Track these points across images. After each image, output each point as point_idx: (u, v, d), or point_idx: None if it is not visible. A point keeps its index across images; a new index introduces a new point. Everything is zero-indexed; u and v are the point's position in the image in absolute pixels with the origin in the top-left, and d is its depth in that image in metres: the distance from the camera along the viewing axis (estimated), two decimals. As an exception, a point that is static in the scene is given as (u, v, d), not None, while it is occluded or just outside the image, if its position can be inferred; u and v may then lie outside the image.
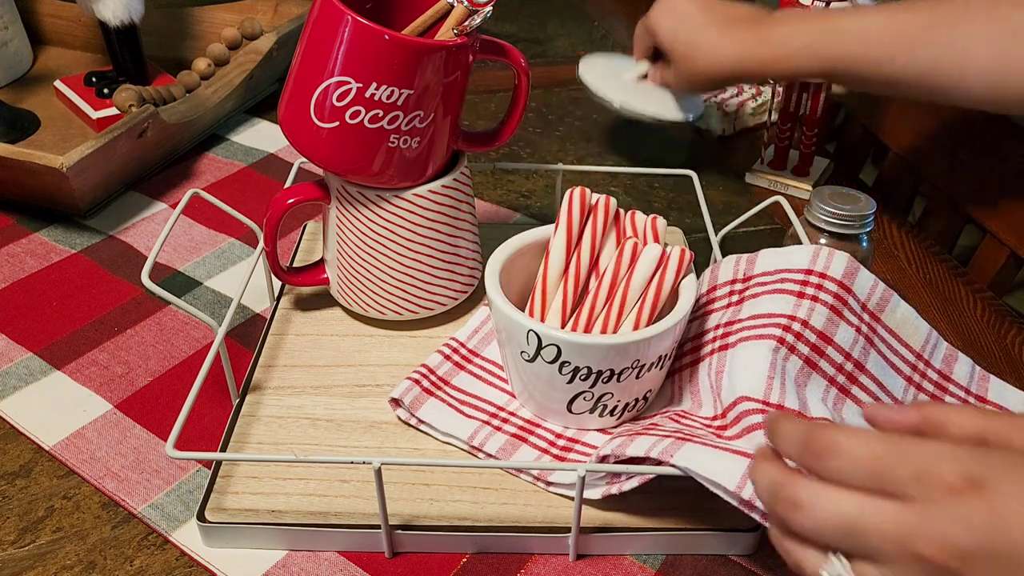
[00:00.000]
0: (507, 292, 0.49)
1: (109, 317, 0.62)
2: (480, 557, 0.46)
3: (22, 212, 0.73)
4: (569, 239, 0.52)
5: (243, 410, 0.52)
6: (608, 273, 0.50)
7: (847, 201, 0.59)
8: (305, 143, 0.52)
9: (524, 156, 0.83)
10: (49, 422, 0.54)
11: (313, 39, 0.50)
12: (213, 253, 0.69)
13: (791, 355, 0.47)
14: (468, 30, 0.51)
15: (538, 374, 0.48)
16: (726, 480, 0.40)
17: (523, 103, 0.58)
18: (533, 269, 0.53)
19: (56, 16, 0.96)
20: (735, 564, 0.46)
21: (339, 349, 0.57)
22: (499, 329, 0.49)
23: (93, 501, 0.49)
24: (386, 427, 0.52)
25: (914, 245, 0.73)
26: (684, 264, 0.49)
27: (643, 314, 0.48)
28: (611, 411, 0.49)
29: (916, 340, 0.51)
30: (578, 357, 0.46)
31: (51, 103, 0.86)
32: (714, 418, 0.47)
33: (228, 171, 0.79)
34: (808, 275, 0.50)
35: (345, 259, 0.56)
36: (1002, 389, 0.52)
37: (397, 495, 0.47)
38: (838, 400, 0.49)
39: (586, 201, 0.52)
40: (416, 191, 0.54)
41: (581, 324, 0.50)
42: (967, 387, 0.52)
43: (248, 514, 0.46)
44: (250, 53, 0.85)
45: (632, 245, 0.50)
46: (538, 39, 1.08)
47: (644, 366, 0.47)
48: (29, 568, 0.46)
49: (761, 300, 0.51)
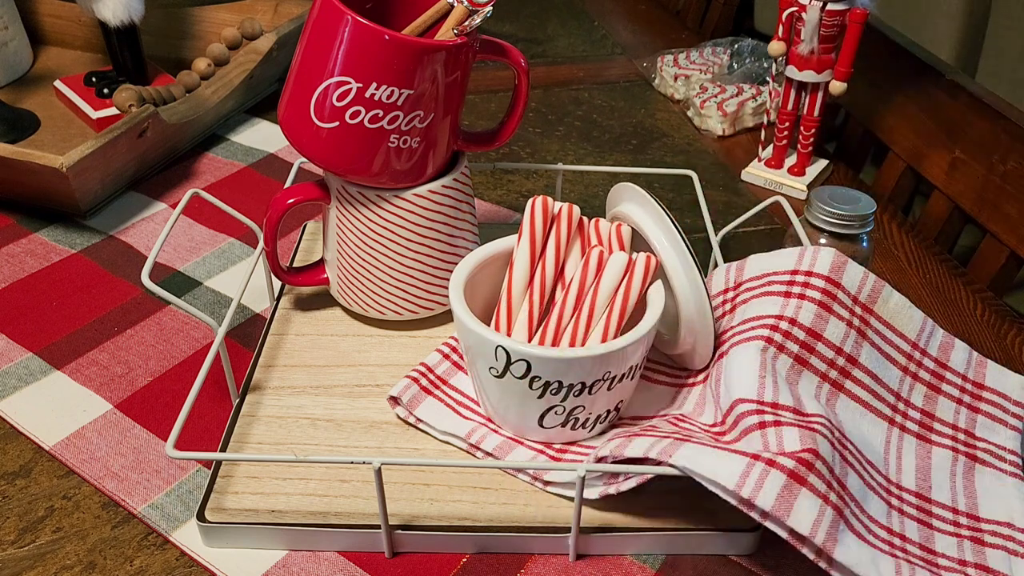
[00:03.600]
0: (472, 306, 0.48)
1: (109, 317, 0.62)
2: (480, 557, 0.46)
3: (22, 212, 0.73)
4: (533, 249, 0.51)
5: (243, 410, 0.52)
6: (575, 282, 0.50)
7: (847, 201, 0.59)
8: (305, 143, 0.52)
9: (524, 156, 0.83)
10: (49, 422, 0.54)
11: (313, 39, 0.50)
12: (213, 253, 0.69)
13: (780, 354, 0.48)
14: (468, 30, 0.51)
15: (508, 390, 0.47)
16: (725, 479, 0.40)
17: (523, 103, 0.58)
18: (497, 281, 0.53)
19: (56, 16, 0.96)
20: (735, 564, 0.46)
21: (339, 349, 0.57)
22: (467, 347, 0.48)
23: (93, 501, 0.49)
24: (386, 427, 0.52)
25: (914, 245, 0.73)
26: (650, 271, 0.49)
27: (611, 323, 0.48)
28: (583, 424, 0.49)
29: (911, 329, 0.51)
30: (549, 371, 0.45)
31: (51, 103, 0.86)
32: (713, 425, 0.47)
33: (228, 171, 0.79)
34: (794, 275, 0.50)
35: (345, 259, 0.56)
36: (999, 374, 0.52)
37: (397, 495, 0.47)
38: (831, 395, 0.49)
39: (548, 210, 0.51)
40: (416, 191, 0.54)
41: (549, 336, 0.49)
42: (964, 374, 0.51)
43: (248, 514, 0.46)
44: (250, 53, 0.85)
45: (598, 253, 0.49)
46: (538, 39, 1.08)
47: (616, 377, 0.47)
48: (29, 568, 0.46)
49: (750, 304, 0.51)
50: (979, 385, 0.51)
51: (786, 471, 0.40)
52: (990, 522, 0.46)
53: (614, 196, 0.55)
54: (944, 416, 0.50)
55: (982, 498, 0.47)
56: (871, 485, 0.46)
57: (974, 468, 0.49)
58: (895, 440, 0.49)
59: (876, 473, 0.47)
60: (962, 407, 0.51)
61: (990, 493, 0.48)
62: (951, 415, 0.50)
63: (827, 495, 0.41)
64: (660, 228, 0.50)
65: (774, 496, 0.40)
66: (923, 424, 0.50)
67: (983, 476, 0.48)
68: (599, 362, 0.45)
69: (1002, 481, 0.48)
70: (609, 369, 0.46)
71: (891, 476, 0.48)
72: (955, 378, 0.51)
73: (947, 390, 0.51)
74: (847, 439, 0.46)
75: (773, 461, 0.41)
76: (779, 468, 0.40)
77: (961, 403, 0.51)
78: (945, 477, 0.48)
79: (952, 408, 0.51)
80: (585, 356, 0.45)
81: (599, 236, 0.52)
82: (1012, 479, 0.48)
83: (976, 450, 0.49)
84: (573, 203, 0.52)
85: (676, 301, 0.50)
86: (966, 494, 0.48)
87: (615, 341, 0.46)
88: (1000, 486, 0.48)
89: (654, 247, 0.50)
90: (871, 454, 0.48)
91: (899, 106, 0.84)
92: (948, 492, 0.48)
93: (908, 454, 0.49)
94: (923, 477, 0.48)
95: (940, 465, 0.49)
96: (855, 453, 0.46)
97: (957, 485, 0.48)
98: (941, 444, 0.50)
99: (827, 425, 0.44)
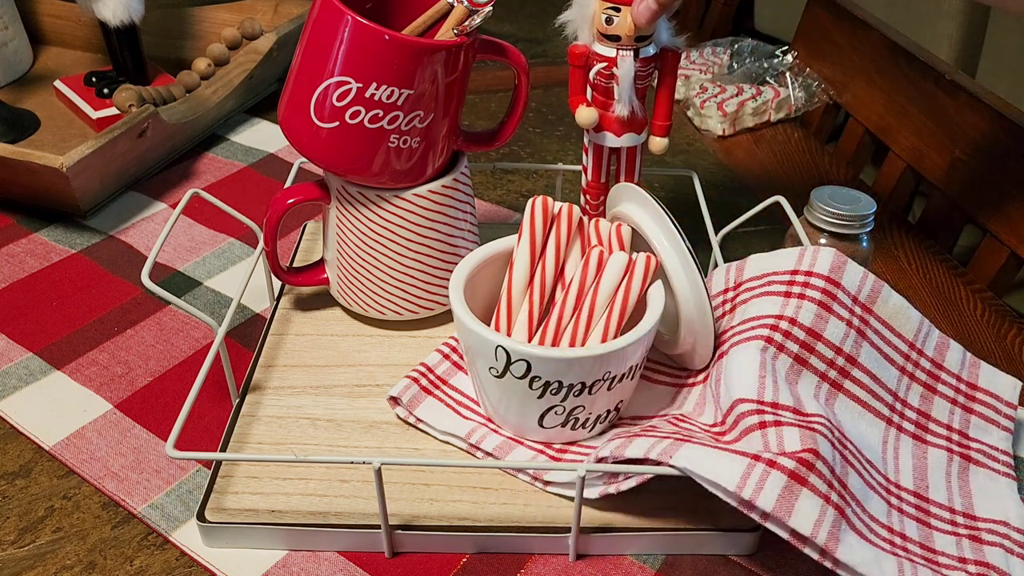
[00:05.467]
0: (472, 306, 0.48)
1: (109, 317, 0.62)
2: (480, 557, 0.46)
3: (22, 212, 0.73)
4: (533, 249, 0.51)
5: (243, 410, 0.52)
6: (575, 282, 0.50)
7: (847, 201, 0.59)
8: (305, 143, 0.52)
9: (524, 156, 0.83)
10: (49, 422, 0.54)
11: (313, 39, 0.50)
12: (213, 253, 0.69)
13: (780, 354, 0.48)
14: (468, 30, 0.51)
15: (508, 390, 0.47)
16: (726, 480, 0.40)
17: (523, 103, 0.58)
18: (497, 281, 0.53)
19: (56, 16, 0.96)
20: (735, 564, 0.46)
21: (339, 349, 0.57)
22: (467, 347, 0.48)
23: (93, 501, 0.49)
24: (386, 427, 0.52)
25: (914, 245, 0.73)
26: (650, 271, 0.49)
27: (611, 323, 0.48)
28: (583, 424, 0.49)
29: (908, 330, 0.51)
30: (549, 371, 0.45)
31: (51, 103, 0.86)
32: (713, 425, 0.47)
33: (228, 171, 0.79)
34: (794, 275, 0.50)
35: (345, 259, 0.56)
36: (992, 375, 0.52)
37: (397, 495, 0.47)
38: (830, 395, 0.49)
39: (548, 210, 0.51)
40: (416, 191, 0.54)
41: (549, 336, 0.49)
42: (958, 374, 0.52)
43: (248, 514, 0.46)
44: (250, 53, 0.85)
45: (598, 253, 0.49)
46: (538, 39, 1.08)
47: (616, 377, 0.47)
48: (29, 568, 0.46)
49: (750, 304, 0.51)
50: (972, 386, 0.51)
51: (787, 472, 0.40)
52: (986, 521, 0.46)
53: (614, 196, 0.55)
54: (939, 416, 0.51)
55: (977, 498, 0.48)
56: (871, 484, 0.46)
57: (968, 468, 0.49)
58: (892, 440, 0.49)
59: (876, 472, 0.47)
60: (956, 407, 0.51)
61: (985, 493, 0.48)
62: (946, 415, 0.51)
63: (828, 495, 0.41)
64: (660, 228, 0.50)
65: (775, 497, 0.40)
66: (919, 424, 0.50)
67: (977, 476, 0.49)
68: (599, 362, 0.45)
69: (995, 481, 0.48)
70: (609, 369, 0.46)
71: (890, 475, 0.48)
72: (950, 379, 0.51)
73: (942, 390, 0.51)
74: (847, 439, 0.46)
75: (774, 462, 0.41)
76: (780, 469, 0.40)
77: (956, 403, 0.51)
78: (941, 477, 0.48)
79: (947, 408, 0.51)
80: (585, 356, 0.45)
81: (599, 236, 0.52)
82: (1005, 479, 0.48)
83: (970, 451, 0.50)
84: (573, 203, 0.52)
85: (676, 301, 0.50)
86: (962, 494, 0.48)
87: (615, 341, 0.46)
88: (994, 486, 0.48)
89: (654, 247, 0.50)
90: (870, 453, 0.48)
91: (899, 106, 0.84)
92: (945, 492, 0.48)
93: (905, 454, 0.49)
94: (920, 477, 0.48)
95: (936, 465, 0.49)
96: (855, 453, 0.46)
97: (953, 485, 0.48)
98: (936, 444, 0.50)
99: (827, 425, 0.44)
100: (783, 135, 0.89)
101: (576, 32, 0.57)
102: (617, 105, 0.57)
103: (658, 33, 0.56)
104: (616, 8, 0.53)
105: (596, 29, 0.55)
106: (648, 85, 0.58)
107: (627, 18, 0.53)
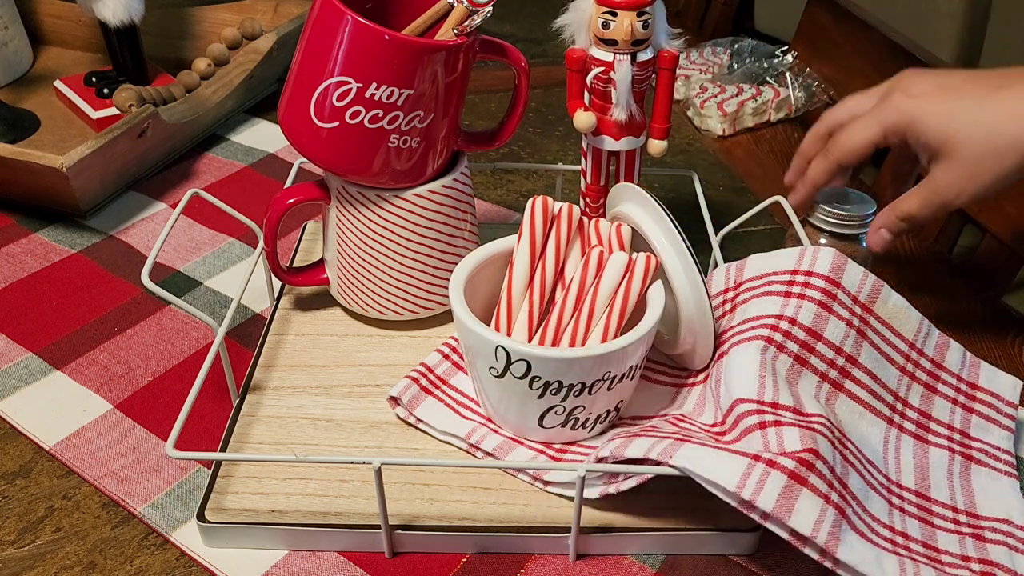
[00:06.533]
0: (472, 306, 0.48)
1: (109, 317, 0.62)
2: (480, 557, 0.46)
3: (22, 212, 0.73)
4: (533, 249, 0.51)
5: (243, 410, 0.52)
6: (575, 282, 0.50)
7: (847, 201, 0.59)
8: (305, 143, 0.52)
9: (524, 156, 0.83)
10: (49, 422, 0.54)
11: (313, 39, 0.50)
12: (213, 253, 0.69)
13: (780, 354, 0.48)
14: (468, 30, 0.51)
15: (508, 390, 0.47)
16: (726, 480, 0.40)
17: (523, 103, 0.58)
18: (497, 281, 0.53)
19: (56, 16, 0.96)
20: (735, 564, 0.46)
21: (339, 349, 0.57)
22: (467, 347, 0.48)
23: (93, 501, 0.49)
24: (386, 427, 0.52)
25: (914, 245, 0.73)
26: (650, 271, 0.49)
27: (611, 323, 0.48)
28: (583, 424, 0.49)
29: (908, 329, 0.51)
30: (549, 371, 0.45)
31: (51, 103, 0.86)
32: (713, 425, 0.47)
33: (228, 171, 0.79)
34: (794, 275, 0.50)
35: (345, 259, 0.56)
36: (992, 375, 0.52)
37: (397, 495, 0.47)
38: (831, 395, 0.49)
39: (548, 210, 0.51)
40: (416, 191, 0.54)
41: (549, 336, 0.49)
42: (959, 374, 0.52)
43: (248, 514, 0.46)
44: (250, 53, 0.85)
45: (598, 253, 0.49)
46: (538, 39, 1.08)
47: (616, 377, 0.47)
48: (29, 568, 0.46)
49: (750, 304, 0.51)
50: (973, 385, 0.51)
51: (787, 472, 0.40)
52: (989, 519, 0.46)
53: (614, 196, 0.55)
54: (940, 416, 0.51)
55: (979, 496, 0.48)
56: (872, 484, 0.46)
57: (970, 468, 0.49)
58: (893, 440, 0.49)
59: (876, 472, 0.47)
60: (957, 407, 0.51)
61: (987, 492, 0.48)
62: (947, 415, 0.51)
63: (828, 495, 0.41)
64: (660, 228, 0.50)
65: (775, 497, 0.40)
66: (920, 424, 0.50)
67: (979, 475, 0.49)
68: (599, 362, 0.45)
69: (997, 480, 0.48)
70: (609, 369, 0.46)
71: (891, 475, 0.48)
72: (950, 378, 0.51)
73: (943, 390, 0.51)
74: (847, 439, 0.46)
75: (774, 462, 0.41)
76: (779, 469, 0.40)
77: (956, 403, 0.51)
78: (943, 476, 0.48)
79: (948, 408, 0.51)
80: (585, 356, 0.45)
81: (599, 236, 0.52)
82: (1007, 478, 0.48)
83: (972, 450, 0.50)
84: (573, 203, 0.52)
85: (676, 301, 0.50)
86: (964, 493, 0.48)
87: (615, 341, 0.46)
88: (996, 485, 0.48)
89: (654, 247, 0.50)
90: (871, 453, 0.48)
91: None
92: (947, 491, 0.48)
93: (906, 454, 0.49)
94: (922, 476, 0.48)
95: (938, 465, 0.49)
96: (855, 452, 0.46)
97: (955, 484, 0.48)
98: (938, 444, 0.50)
99: (827, 425, 0.44)
100: (783, 135, 0.89)
101: (573, 36, 0.57)
102: (615, 109, 0.57)
103: (655, 36, 0.56)
104: (612, 12, 0.53)
105: (593, 33, 0.55)
106: (646, 88, 0.58)
107: (623, 22, 0.53)
